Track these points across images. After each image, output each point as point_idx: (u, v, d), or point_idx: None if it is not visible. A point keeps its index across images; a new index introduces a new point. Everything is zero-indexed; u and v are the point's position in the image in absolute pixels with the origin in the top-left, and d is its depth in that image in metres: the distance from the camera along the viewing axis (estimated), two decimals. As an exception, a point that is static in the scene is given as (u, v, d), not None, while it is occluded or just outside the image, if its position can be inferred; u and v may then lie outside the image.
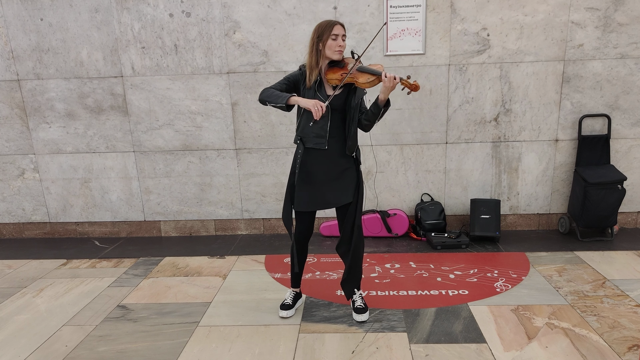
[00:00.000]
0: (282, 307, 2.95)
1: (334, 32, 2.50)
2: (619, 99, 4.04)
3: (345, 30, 2.56)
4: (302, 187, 2.70)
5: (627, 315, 2.81)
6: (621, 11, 3.86)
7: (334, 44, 2.51)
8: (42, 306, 3.22)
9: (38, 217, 4.64)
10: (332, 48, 2.52)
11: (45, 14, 4.10)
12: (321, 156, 2.64)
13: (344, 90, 2.61)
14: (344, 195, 2.70)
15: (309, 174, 2.68)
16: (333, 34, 2.50)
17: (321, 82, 2.60)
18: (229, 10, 4.02)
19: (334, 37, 2.50)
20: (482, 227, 4.08)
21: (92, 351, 2.66)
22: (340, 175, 2.67)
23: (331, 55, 2.54)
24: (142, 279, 3.59)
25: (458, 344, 2.59)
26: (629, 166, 4.18)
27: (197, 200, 4.49)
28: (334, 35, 2.50)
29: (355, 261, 2.82)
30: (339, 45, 2.52)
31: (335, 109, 2.59)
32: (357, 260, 2.83)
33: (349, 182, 2.69)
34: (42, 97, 4.29)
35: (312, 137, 2.63)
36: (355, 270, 2.86)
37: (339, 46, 2.52)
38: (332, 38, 2.50)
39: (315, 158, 2.65)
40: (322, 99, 2.54)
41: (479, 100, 4.11)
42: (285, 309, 2.94)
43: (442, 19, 3.96)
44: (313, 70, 2.56)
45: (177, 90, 4.22)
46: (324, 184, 2.68)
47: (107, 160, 4.42)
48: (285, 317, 2.92)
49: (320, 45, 2.53)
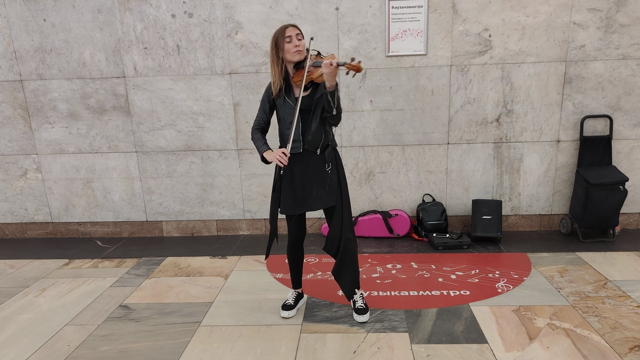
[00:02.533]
0: (284, 308, 2.96)
1: (287, 34, 2.51)
2: (621, 99, 4.04)
3: (299, 29, 2.57)
4: (287, 191, 2.72)
5: (628, 316, 2.81)
6: (623, 12, 3.86)
7: (290, 46, 2.52)
8: (44, 306, 3.23)
9: (40, 217, 4.65)
10: (290, 50, 2.53)
11: (48, 14, 4.11)
12: (298, 160, 2.65)
13: (312, 90, 2.61)
14: (327, 198, 2.70)
15: (290, 178, 2.69)
16: (287, 36, 2.51)
17: (288, 87, 2.62)
18: (231, 11, 4.03)
19: (289, 40, 2.52)
20: (483, 228, 4.08)
21: (95, 351, 2.67)
22: (320, 177, 2.68)
23: (292, 57, 2.55)
24: (144, 279, 3.60)
25: (459, 344, 2.60)
26: (631, 167, 4.18)
27: (199, 201, 4.50)
28: (287, 37, 2.52)
29: (346, 259, 2.79)
30: (295, 46, 2.53)
31: (305, 109, 2.59)
32: (348, 258, 2.79)
33: (330, 184, 2.69)
34: (44, 98, 4.31)
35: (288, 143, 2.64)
36: (348, 268, 2.83)
37: (295, 46, 2.53)
38: (286, 41, 2.52)
39: (294, 162, 2.64)
40: (291, 103, 2.58)
41: (481, 101, 4.11)
42: (287, 310, 2.95)
43: (443, 20, 3.96)
44: (278, 80, 2.59)
45: (179, 91, 4.23)
46: (305, 188, 2.70)
47: (110, 161, 4.44)
48: (287, 317, 2.93)
49: (280, 53, 2.55)
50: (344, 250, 2.77)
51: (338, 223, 2.74)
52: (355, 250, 2.84)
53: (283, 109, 2.62)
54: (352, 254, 2.81)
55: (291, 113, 2.58)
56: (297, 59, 2.55)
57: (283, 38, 2.52)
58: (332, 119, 2.56)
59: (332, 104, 2.49)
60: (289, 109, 2.59)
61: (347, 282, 2.89)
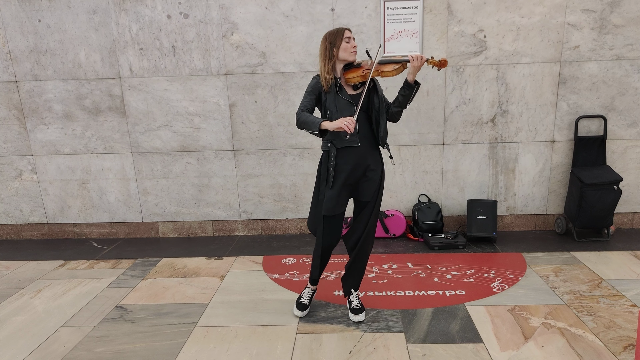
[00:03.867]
0: (299, 307, 2.96)
1: (346, 35, 2.65)
2: (615, 100, 4.07)
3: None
4: (336, 190, 2.71)
5: (622, 315, 2.83)
6: (617, 13, 3.89)
7: (348, 46, 2.65)
8: (40, 307, 3.23)
9: (36, 218, 4.64)
10: (348, 50, 2.65)
11: (43, 15, 4.10)
12: (354, 154, 2.68)
13: (362, 90, 2.68)
14: (366, 192, 2.77)
15: (342, 175, 2.70)
16: (346, 37, 2.64)
17: (340, 85, 2.67)
18: (226, 11, 4.04)
19: (347, 40, 2.65)
20: (479, 228, 4.10)
21: (90, 352, 2.66)
22: (367, 173, 2.74)
23: (347, 57, 2.65)
24: (140, 280, 3.60)
25: (455, 343, 2.61)
26: (625, 167, 4.20)
27: (195, 201, 4.50)
28: (347, 38, 2.65)
29: (360, 259, 2.86)
30: (353, 47, 2.66)
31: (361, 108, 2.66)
32: (362, 259, 2.87)
33: (373, 181, 2.76)
34: (39, 99, 4.30)
35: (343, 137, 2.66)
36: (358, 269, 2.89)
37: (353, 47, 2.66)
38: (345, 41, 2.64)
39: (348, 157, 2.68)
40: (345, 99, 2.63)
41: (476, 101, 4.13)
42: (302, 309, 2.96)
43: (439, 21, 3.97)
44: (327, 76, 2.65)
45: (175, 92, 4.23)
46: (354, 183, 2.75)
47: (105, 162, 4.43)
48: (300, 316, 2.94)
49: (334, 51, 2.64)
50: (361, 247, 2.82)
51: (365, 219, 2.79)
52: (369, 252, 2.89)
53: (335, 104, 2.63)
54: (366, 254, 2.87)
55: (348, 108, 2.62)
56: (352, 59, 2.67)
57: (342, 38, 2.63)
58: (398, 114, 2.72)
59: (409, 98, 2.66)
60: (342, 104, 2.62)
61: (353, 279, 2.93)
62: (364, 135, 2.69)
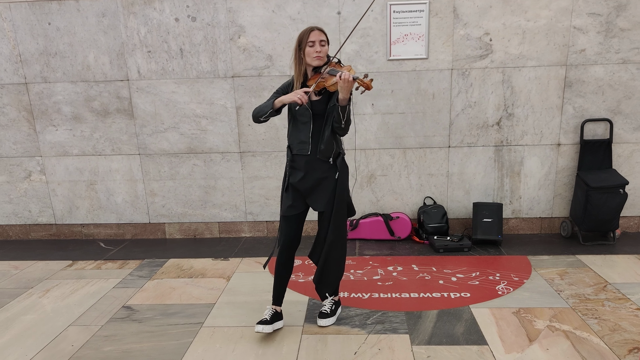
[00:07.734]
0: (259, 322, 2.74)
1: (311, 39, 2.52)
2: (621, 103, 4.06)
3: (325, 35, 2.57)
4: (289, 193, 2.73)
5: (628, 319, 2.83)
6: (623, 17, 3.89)
7: (312, 50, 2.53)
8: (48, 306, 3.26)
9: (44, 218, 4.68)
10: (310, 55, 2.54)
11: (52, 18, 4.15)
12: (304, 162, 2.65)
13: (325, 96, 2.61)
14: (319, 202, 2.70)
15: (294, 180, 2.69)
16: (310, 40, 2.52)
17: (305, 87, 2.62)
18: (234, 15, 4.07)
19: (311, 44, 2.53)
20: (484, 231, 4.10)
21: (98, 351, 2.69)
22: (319, 182, 2.67)
23: (310, 62, 2.56)
24: (147, 280, 3.63)
25: (459, 345, 2.62)
26: (631, 170, 4.20)
27: (202, 203, 4.53)
28: (310, 42, 2.52)
29: (328, 270, 2.80)
30: (316, 52, 2.53)
31: (317, 114, 2.60)
32: (330, 269, 2.80)
33: (325, 191, 2.68)
34: (49, 100, 4.35)
35: (297, 144, 2.65)
36: (329, 277, 2.84)
37: (316, 52, 2.53)
38: (309, 45, 2.53)
39: (300, 164, 2.66)
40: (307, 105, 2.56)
41: (482, 104, 4.14)
42: (262, 324, 2.72)
43: (445, 24, 3.99)
44: (298, 78, 2.61)
45: (183, 94, 4.26)
46: (306, 190, 2.69)
47: (113, 163, 4.47)
48: (261, 331, 2.69)
49: (301, 54, 2.57)
50: (327, 260, 2.76)
51: (323, 231, 2.74)
52: (341, 253, 2.78)
53: (299, 108, 2.57)
54: (335, 263, 2.78)
55: (305, 114, 2.58)
56: (315, 64, 2.56)
57: (306, 41, 2.52)
58: (339, 130, 2.58)
59: (341, 117, 2.51)
60: (302, 109, 2.57)
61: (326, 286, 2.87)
62: (317, 144, 2.62)
